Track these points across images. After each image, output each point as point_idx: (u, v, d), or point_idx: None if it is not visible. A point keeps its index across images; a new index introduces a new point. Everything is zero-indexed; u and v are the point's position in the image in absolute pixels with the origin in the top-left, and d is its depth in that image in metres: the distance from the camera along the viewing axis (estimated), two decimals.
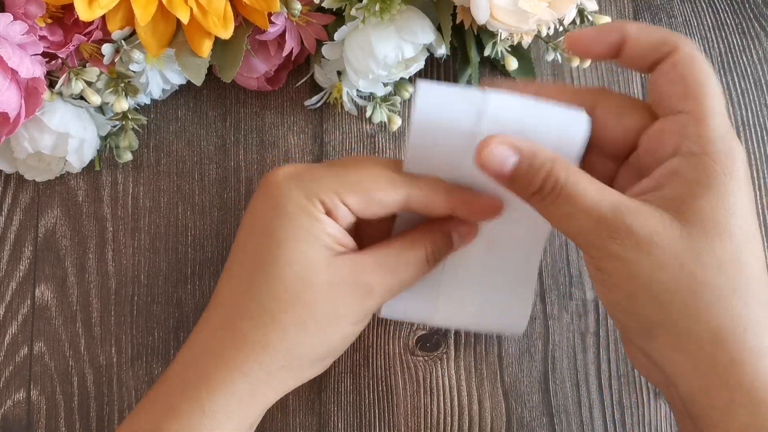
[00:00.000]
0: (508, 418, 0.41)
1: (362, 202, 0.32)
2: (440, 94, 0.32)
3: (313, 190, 0.32)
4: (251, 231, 0.33)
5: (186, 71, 0.39)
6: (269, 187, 0.33)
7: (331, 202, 0.32)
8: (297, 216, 0.32)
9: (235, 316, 0.32)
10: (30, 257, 0.43)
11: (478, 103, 0.32)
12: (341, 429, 0.41)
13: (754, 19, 0.48)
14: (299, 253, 0.32)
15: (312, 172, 0.33)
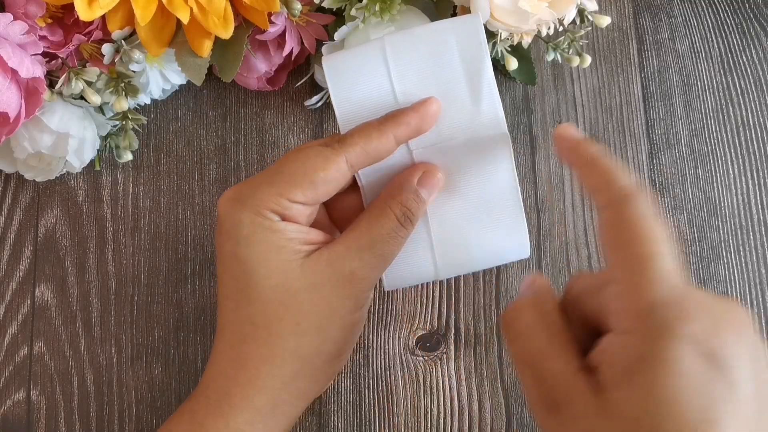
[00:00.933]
0: (508, 418, 0.41)
1: (308, 190, 0.32)
2: (345, 59, 0.34)
3: (257, 203, 0.32)
4: (221, 264, 0.33)
5: (186, 71, 0.39)
6: (220, 218, 0.33)
7: (280, 205, 0.32)
8: (254, 236, 0.32)
9: (236, 342, 0.32)
10: (30, 257, 0.43)
11: (378, 47, 0.34)
12: (341, 429, 0.41)
13: (754, 19, 0.48)
14: (270, 268, 0.32)
15: (250, 185, 0.33)
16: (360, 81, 0.34)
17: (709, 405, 0.23)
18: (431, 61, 0.34)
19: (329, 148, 0.33)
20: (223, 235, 0.33)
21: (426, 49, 0.34)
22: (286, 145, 0.45)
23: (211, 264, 0.43)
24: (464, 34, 0.34)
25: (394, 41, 0.34)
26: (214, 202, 0.44)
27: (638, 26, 0.48)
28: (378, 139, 0.33)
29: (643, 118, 0.46)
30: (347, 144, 0.33)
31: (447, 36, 0.34)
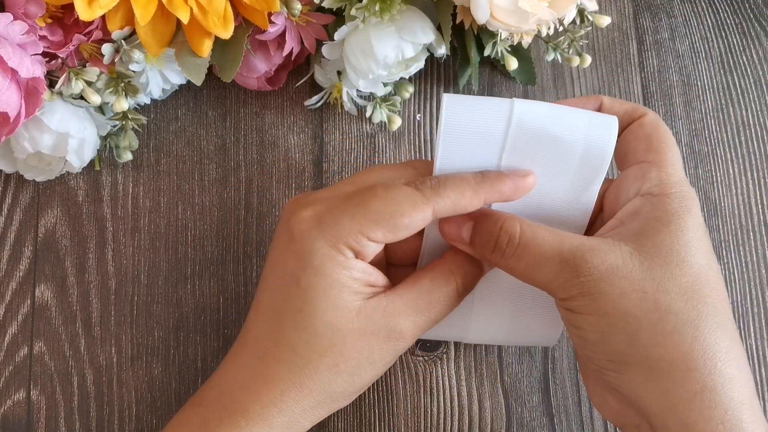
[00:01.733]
0: (508, 418, 0.41)
1: (389, 232, 0.32)
2: (467, 101, 0.32)
3: (337, 237, 0.31)
4: (277, 278, 0.33)
5: (186, 71, 0.39)
6: (292, 234, 0.32)
7: (358, 243, 0.31)
8: (324, 267, 0.31)
9: (270, 359, 0.32)
10: (30, 257, 0.43)
11: (505, 108, 0.32)
12: (341, 429, 0.41)
13: (754, 19, 0.48)
14: (329, 304, 0.31)
15: (332, 212, 0.32)
16: (475, 131, 0.32)
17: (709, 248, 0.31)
18: (550, 143, 0.33)
19: (420, 194, 0.32)
20: (290, 253, 0.32)
21: (551, 129, 0.32)
22: (286, 145, 0.45)
23: (211, 264, 0.43)
24: (596, 136, 0.33)
25: (524, 108, 0.32)
26: (214, 202, 0.44)
27: (638, 26, 0.48)
28: (470, 199, 0.32)
29: None
30: (440, 195, 0.32)
31: (579, 125, 0.32)
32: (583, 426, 0.41)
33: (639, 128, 0.34)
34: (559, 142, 0.32)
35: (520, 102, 0.32)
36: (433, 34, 0.40)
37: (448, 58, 0.46)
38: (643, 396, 0.29)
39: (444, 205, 0.32)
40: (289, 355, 0.32)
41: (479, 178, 0.33)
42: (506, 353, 0.42)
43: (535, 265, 0.31)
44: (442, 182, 0.32)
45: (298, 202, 0.33)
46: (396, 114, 0.44)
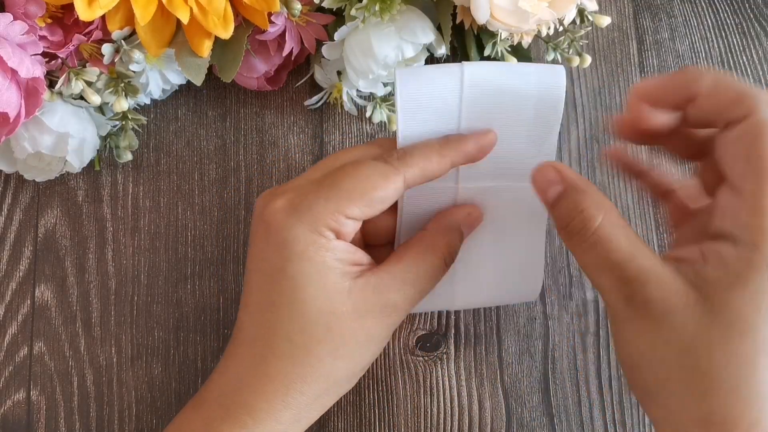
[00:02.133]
0: (508, 418, 0.41)
1: (366, 207, 0.32)
2: (419, 72, 0.34)
3: (315, 220, 0.31)
4: (261, 272, 0.33)
5: (186, 71, 0.39)
6: (269, 226, 0.32)
7: (337, 222, 0.31)
8: (308, 252, 0.31)
9: (268, 354, 0.32)
10: (30, 257, 0.43)
11: (456, 71, 0.33)
12: (341, 429, 0.41)
13: (754, 19, 0.48)
14: (318, 289, 0.31)
15: (306, 197, 0.32)
16: (430, 99, 0.33)
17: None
18: (504, 99, 0.33)
19: (389, 166, 0.32)
20: (270, 245, 0.32)
21: (503, 85, 0.33)
22: (286, 144, 0.45)
23: (211, 264, 0.43)
24: (546, 85, 0.33)
25: (474, 70, 0.33)
26: (214, 201, 0.44)
27: (638, 26, 0.48)
28: (437, 163, 0.33)
29: None
30: (408, 164, 0.32)
31: (528, 80, 0.33)
32: (583, 426, 0.41)
33: (737, 140, 0.28)
34: (511, 97, 0.33)
35: (469, 65, 0.33)
36: (433, 34, 0.40)
37: (448, 58, 0.46)
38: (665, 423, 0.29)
39: (413, 173, 0.32)
40: (288, 347, 0.32)
41: (443, 142, 0.33)
42: (506, 353, 0.42)
43: (595, 266, 0.29)
44: (408, 151, 0.33)
45: (270, 194, 0.33)
46: (396, 114, 0.44)
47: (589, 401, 0.41)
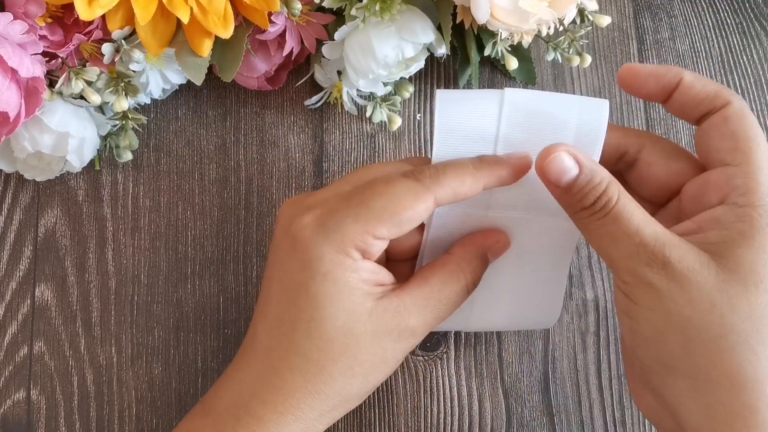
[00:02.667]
0: (508, 418, 0.41)
1: (394, 227, 0.31)
2: (459, 95, 0.33)
3: (343, 240, 0.31)
4: (283, 286, 0.32)
5: (186, 71, 0.39)
6: (296, 243, 0.32)
7: (364, 243, 0.31)
8: (333, 273, 0.31)
9: (284, 369, 0.32)
10: (30, 257, 0.43)
11: (497, 97, 0.32)
12: (341, 429, 0.41)
13: (754, 19, 0.48)
14: (340, 309, 0.31)
15: (334, 215, 0.31)
16: (468, 123, 0.33)
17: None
18: (543, 128, 0.32)
19: (420, 185, 0.31)
20: (295, 261, 0.32)
21: (543, 114, 0.32)
22: (286, 144, 0.45)
23: (211, 264, 0.43)
24: (588, 117, 0.32)
25: (515, 96, 0.32)
26: (214, 202, 0.44)
27: (638, 26, 0.48)
28: (470, 185, 0.32)
29: (644, 117, 0.46)
30: (440, 183, 0.32)
31: (570, 110, 0.32)
32: (583, 426, 0.41)
33: (723, 123, 0.31)
34: (551, 128, 0.32)
35: (510, 90, 0.33)
36: (433, 34, 0.40)
37: (448, 58, 0.46)
38: (683, 406, 0.29)
39: (445, 193, 0.32)
40: (303, 363, 0.31)
41: (477, 163, 0.32)
42: (506, 353, 0.42)
43: (613, 236, 0.30)
44: (441, 170, 0.32)
45: (296, 206, 0.33)
46: (396, 114, 0.44)
47: (589, 401, 0.41)
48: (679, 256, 0.29)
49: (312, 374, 0.31)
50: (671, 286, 0.29)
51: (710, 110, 0.32)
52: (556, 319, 0.39)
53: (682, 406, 0.29)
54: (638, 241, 0.29)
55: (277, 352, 0.32)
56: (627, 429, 0.41)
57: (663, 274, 0.29)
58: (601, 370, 0.41)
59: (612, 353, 0.41)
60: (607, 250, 0.31)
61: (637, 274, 0.29)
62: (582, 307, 0.42)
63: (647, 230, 0.29)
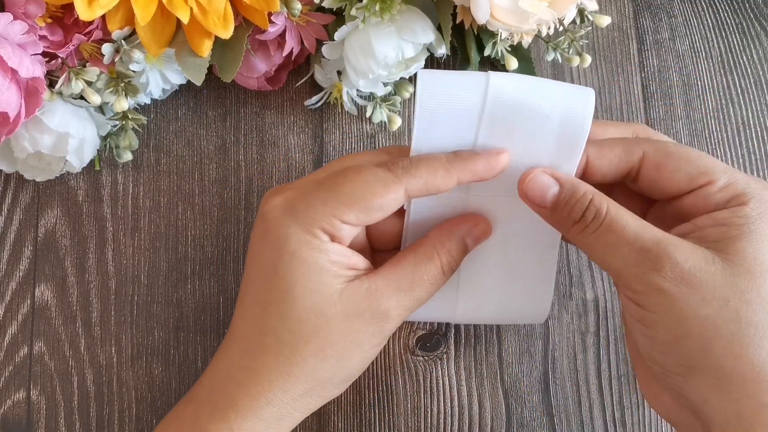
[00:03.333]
0: (508, 418, 0.41)
1: (362, 214, 0.32)
2: (442, 77, 0.32)
3: (310, 220, 0.31)
4: (257, 269, 0.33)
5: (186, 71, 0.39)
6: (267, 223, 0.32)
7: (332, 226, 0.31)
8: (300, 252, 0.31)
9: (256, 350, 0.32)
10: (30, 257, 0.43)
11: (481, 82, 0.32)
12: (341, 429, 0.41)
13: (754, 19, 0.48)
14: (309, 289, 0.31)
15: (304, 198, 0.32)
16: (450, 104, 0.32)
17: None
18: (526, 115, 0.32)
19: (391, 174, 0.32)
20: (266, 243, 0.32)
21: (527, 101, 0.32)
22: (286, 144, 0.45)
23: (211, 264, 0.43)
24: (572, 106, 0.32)
25: (499, 81, 0.32)
26: (214, 202, 0.44)
27: (638, 26, 0.48)
28: (442, 178, 0.32)
29: (644, 118, 0.46)
30: (411, 174, 0.32)
31: (555, 98, 0.32)
32: (583, 426, 0.41)
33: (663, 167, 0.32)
34: (535, 116, 0.32)
35: (495, 75, 0.32)
36: (433, 34, 0.40)
37: (448, 58, 0.46)
38: (709, 404, 0.29)
39: (416, 184, 0.32)
40: (275, 344, 0.32)
41: (451, 157, 0.33)
42: (506, 353, 0.42)
43: (613, 246, 0.30)
44: (414, 162, 0.32)
45: (272, 192, 0.33)
46: (396, 114, 0.44)
47: (589, 401, 0.41)
48: (684, 256, 0.29)
49: (284, 356, 0.32)
50: (682, 288, 0.29)
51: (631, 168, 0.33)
52: (546, 315, 0.39)
53: (708, 405, 0.29)
54: (639, 247, 0.29)
55: (250, 335, 0.32)
56: (627, 429, 0.41)
57: (672, 276, 0.29)
58: (601, 370, 0.41)
59: (612, 353, 0.41)
60: (609, 262, 0.31)
61: (645, 282, 0.29)
62: (582, 307, 0.42)
63: (646, 235, 0.30)
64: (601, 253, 0.31)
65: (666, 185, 0.32)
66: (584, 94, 0.32)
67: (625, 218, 0.30)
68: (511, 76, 0.32)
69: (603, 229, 0.30)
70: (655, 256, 0.29)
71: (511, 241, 0.36)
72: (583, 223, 0.31)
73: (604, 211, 0.30)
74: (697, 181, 0.32)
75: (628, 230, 0.30)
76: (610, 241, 0.30)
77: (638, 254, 0.29)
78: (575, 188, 0.31)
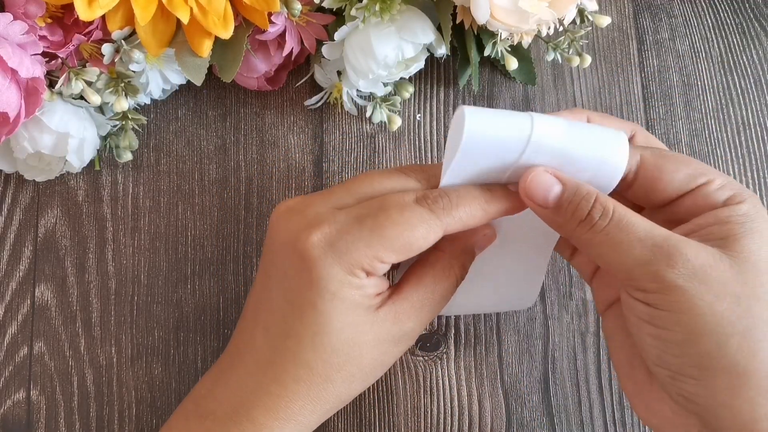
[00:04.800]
0: (508, 418, 0.41)
1: (403, 255, 0.31)
2: (489, 118, 0.31)
3: (353, 263, 0.31)
4: (290, 303, 0.32)
5: (186, 71, 0.39)
6: (304, 261, 0.31)
7: (372, 266, 0.31)
8: (341, 292, 0.31)
9: (288, 381, 0.32)
10: (30, 257, 0.43)
11: (525, 128, 0.31)
12: (341, 429, 0.41)
13: (754, 19, 0.48)
14: (346, 323, 0.32)
15: (345, 238, 0.31)
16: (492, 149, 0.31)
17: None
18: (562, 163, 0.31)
19: (434, 216, 0.31)
20: (305, 280, 0.32)
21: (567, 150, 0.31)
22: (286, 144, 0.45)
23: (211, 264, 0.43)
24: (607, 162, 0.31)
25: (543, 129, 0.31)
26: (214, 202, 0.44)
27: (638, 26, 0.48)
28: (479, 219, 0.32)
29: (644, 118, 0.46)
30: (453, 216, 0.31)
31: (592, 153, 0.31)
32: (583, 426, 0.41)
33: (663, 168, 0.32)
34: (571, 163, 0.32)
35: (539, 120, 0.31)
36: (433, 34, 0.40)
37: (448, 58, 0.46)
38: (723, 405, 0.28)
39: (454, 224, 0.32)
40: (307, 374, 0.32)
41: (488, 197, 0.32)
42: (506, 353, 0.42)
43: (623, 244, 0.29)
44: (455, 201, 0.32)
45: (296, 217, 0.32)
46: (396, 114, 0.44)
47: (589, 401, 0.41)
48: (693, 252, 0.29)
49: (316, 384, 0.32)
50: (695, 284, 0.28)
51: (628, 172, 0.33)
52: (534, 300, 0.39)
53: (722, 407, 0.28)
54: (651, 244, 0.29)
55: (281, 365, 0.32)
56: (627, 429, 0.41)
57: (685, 272, 0.28)
58: (601, 371, 0.41)
59: None
60: (620, 260, 0.30)
61: (659, 278, 0.29)
62: (582, 307, 0.42)
63: (656, 232, 0.29)
64: (610, 252, 0.30)
65: (666, 186, 0.32)
66: (620, 153, 0.32)
67: (632, 216, 0.30)
68: (554, 121, 0.31)
69: (612, 226, 0.30)
70: (668, 253, 0.29)
71: (509, 241, 0.36)
72: (589, 222, 0.30)
73: (611, 209, 0.30)
74: (696, 181, 0.31)
75: (638, 228, 0.29)
76: (619, 239, 0.30)
77: (650, 251, 0.29)
78: (579, 187, 0.31)
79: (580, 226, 0.31)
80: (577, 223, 0.31)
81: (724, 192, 0.31)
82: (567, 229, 0.32)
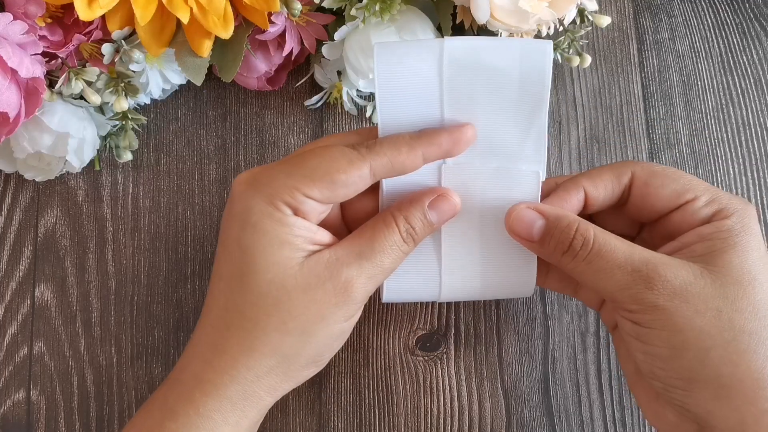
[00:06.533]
0: (508, 418, 0.41)
1: (326, 189, 0.32)
2: (397, 48, 0.32)
3: (272, 193, 0.31)
4: (223, 245, 0.33)
5: (186, 71, 0.39)
6: (232, 198, 0.33)
7: (294, 199, 0.31)
8: (261, 224, 0.31)
9: (220, 325, 0.32)
10: (30, 257, 0.43)
11: (436, 48, 0.32)
12: (341, 429, 0.41)
13: (754, 19, 0.48)
14: (270, 261, 0.31)
15: (268, 172, 0.32)
16: (409, 76, 0.32)
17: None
18: (487, 78, 0.32)
19: (356, 152, 0.32)
20: (230, 216, 0.32)
21: (485, 61, 0.32)
22: (286, 145, 0.45)
23: (211, 264, 0.43)
24: (530, 61, 0.32)
25: (454, 44, 0.32)
26: (214, 202, 0.44)
27: (638, 26, 0.48)
28: (406, 155, 0.33)
29: (644, 118, 0.46)
30: (375, 152, 0.32)
31: (512, 56, 0.32)
32: (583, 426, 0.41)
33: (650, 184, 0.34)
34: (495, 74, 0.32)
35: (450, 39, 0.32)
36: (433, 34, 0.40)
37: None
38: (713, 415, 0.29)
39: (381, 162, 0.32)
40: (238, 319, 0.32)
41: (415, 134, 0.33)
42: (506, 353, 0.42)
43: (605, 271, 0.31)
44: (378, 141, 0.33)
45: (243, 173, 0.34)
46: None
47: (589, 401, 0.41)
48: (673, 273, 0.30)
49: (246, 330, 0.31)
50: (676, 302, 0.29)
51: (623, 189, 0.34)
52: (533, 285, 0.38)
53: (711, 416, 0.29)
54: (630, 269, 0.30)
55: (216, 311, 0.32)
56: (627, 429, 0.41)
57: (665, 292, 0.30)
58: (601, 371, 0.41)
59: (612, 353, 0.41)
60: (603, 286, 0.31)
61: (640, 301, 0.30)
62: (582, 307, 0.42)
63: (635, 257, 0.31)
64: (594, 278, 0.32)
65: (655, 202, 0.33)
66: (541, 45, 0.32)
67: (612, 242, 0.31)
68: (466, 38, 0.32)
69: (593, 255, 0.31)
70: (647, 276, 0.30)
71: (489, 211, 0.36)
72: (572, 252, 0.32)
73: (591, 238, 0.31)
74: (683, 197, 0.33)
75: (617, 254, 0.31)
76: (600, 267, 0.31)
77: (630, 275, 0.30)
78: (559, 219, 0.32)
79: (564, 256, 0.32)
80: (561, 254, 0.32)
81: (710, 207, 0.32)
82: (554, 259, 0.33)
